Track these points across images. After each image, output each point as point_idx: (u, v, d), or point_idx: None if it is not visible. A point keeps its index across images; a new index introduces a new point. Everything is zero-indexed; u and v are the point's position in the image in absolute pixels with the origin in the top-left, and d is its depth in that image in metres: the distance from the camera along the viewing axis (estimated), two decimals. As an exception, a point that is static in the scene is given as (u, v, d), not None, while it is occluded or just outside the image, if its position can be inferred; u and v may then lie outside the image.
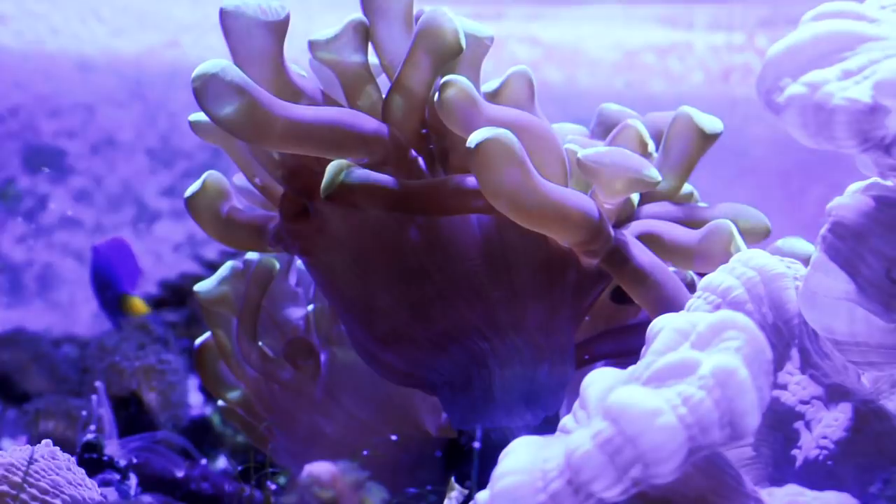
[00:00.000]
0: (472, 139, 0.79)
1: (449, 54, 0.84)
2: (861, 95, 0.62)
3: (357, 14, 0.89)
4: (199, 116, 0.93)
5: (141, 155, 3.41)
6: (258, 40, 0.83)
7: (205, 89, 0.80)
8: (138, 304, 2.12)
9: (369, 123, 0.86)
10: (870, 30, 0.65)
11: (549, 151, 0.87)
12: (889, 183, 0.70)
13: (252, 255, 1.03)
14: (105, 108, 3.47)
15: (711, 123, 0.92)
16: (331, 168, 0.84)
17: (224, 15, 0.83)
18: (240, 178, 1.00)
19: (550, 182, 0.83)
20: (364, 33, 0.89)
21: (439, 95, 0.83)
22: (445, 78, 0.84)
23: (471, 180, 0.85)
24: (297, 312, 1.04)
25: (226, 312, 1.03)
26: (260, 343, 1.03)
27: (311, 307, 1.04)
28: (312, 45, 0.89)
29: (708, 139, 0.92)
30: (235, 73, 0.80)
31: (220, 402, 1.09)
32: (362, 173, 0.84)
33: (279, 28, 0.84)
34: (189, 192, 0.96)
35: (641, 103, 1.02)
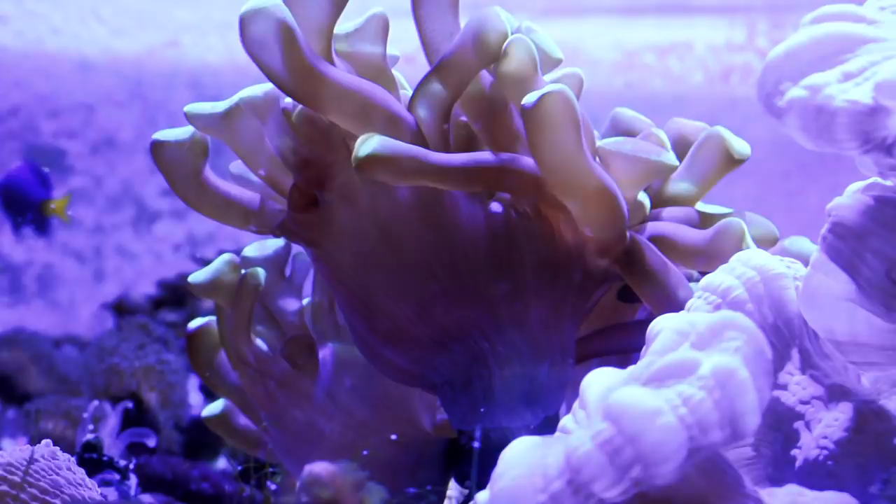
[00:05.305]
0: (531, 96, 0.80)
1: (493, 59, 0.84)
2: (862, 97, 0.62)
3: (378, 8, 0.89)
4: (195, 108, 0.91)
5: (141, 155, 3.41)
6: (317, 9, 0.83)
7: (255, 32, 0.79)
8: (60, 203, 2.18)
9: (397, 105, 0.86)
10: (869, 32, 0.65)
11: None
12: (889, 183, 0.70)
13: (249, 252, 1.03)
14: (105, 108, 3.47)
15: (741, 147, 0.93)
16: (362, 138, 0.83)
17: None
18: (237, 167, 0.99)
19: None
20: (385, 26, 0.89)
21: (505, 54, 0.83)
22: (514, 37, 0.83)
23: (505, 156, 0.85)
24: (293, 306, 1.03)
25: (222, 303, 1.02)
26: (256, 339, 1.02)
27: (306, 300, 1.03)
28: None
29: (734, 162, 0.93)
30: (288, 15, 0.80)
31: (204, 414, 1.07)
32: (394, 143, 0.83)
33: (339, 5, 0.84)
34: (172, 136, 0.91)
35: (641, 103, 1.02)
